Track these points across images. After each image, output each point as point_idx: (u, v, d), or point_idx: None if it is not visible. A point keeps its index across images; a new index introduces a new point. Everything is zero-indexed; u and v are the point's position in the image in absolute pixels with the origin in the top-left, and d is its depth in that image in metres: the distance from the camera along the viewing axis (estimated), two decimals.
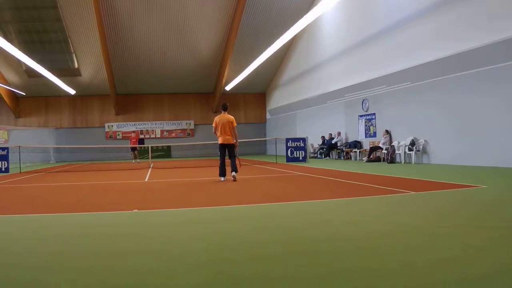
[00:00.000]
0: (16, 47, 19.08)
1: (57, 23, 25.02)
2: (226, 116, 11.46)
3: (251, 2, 24.31)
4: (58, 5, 23.57)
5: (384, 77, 18.14)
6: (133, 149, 25.77)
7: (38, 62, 22.01)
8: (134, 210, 6.64)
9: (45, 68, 23.31)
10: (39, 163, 26.88)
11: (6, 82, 29.85)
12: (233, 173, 11.20)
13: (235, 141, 11.53)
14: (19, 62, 26.06)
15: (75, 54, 28.20)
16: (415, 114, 16.63)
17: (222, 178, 11.29)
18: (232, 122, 11.42)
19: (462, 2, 14.00)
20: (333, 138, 22.91)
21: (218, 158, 11.84)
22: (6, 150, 18.21)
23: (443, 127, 15.19)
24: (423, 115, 16.20)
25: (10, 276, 3.38)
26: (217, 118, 11.55)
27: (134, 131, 29.80)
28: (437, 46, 14.98)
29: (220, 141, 11.47)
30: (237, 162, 11.45)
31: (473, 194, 7.45)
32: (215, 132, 11.62)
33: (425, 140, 16.14)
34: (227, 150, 11.57)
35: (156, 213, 6.55)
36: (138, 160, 25.55)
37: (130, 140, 26.28)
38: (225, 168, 11.35)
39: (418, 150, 16.26)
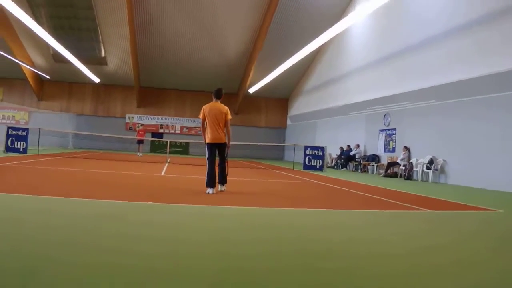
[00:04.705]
0: (46, 31, 19.33)
1: (88, 11, 25.30)
2: (218, 106, 8.58)
3: (282, 7, 24.25)
4: None
5: (409, 93, 17.91)
6: (140, 141, 25.94)
7: (66, 48, 22.29)
8: (149, 202, 6.61)
9: (72, 54, 23.60)
10: (57, 147, 27.19)
11: (32, 65, 30.27)
12: (221, 187, 8.73)
13: (227, 140, 8.73)
14: (47, 46, 26.39)
15: (103, 43, 28.53)
16: (436, 133, 16.39)
17: (211, 190, 8.33)
18: (226, 114, 8.56)
19: (491, 25, 13.78)
20: (351, 150, 22.73)
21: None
22: (26, 131, 18.43)
23: (463, 148, 14.90)
24: (444, 135, 15.94)
25: (8, 264, 3.17)
26: (205, 108, 8.59)
27: (142, 124, 30.82)
28: (465, 67, 14.71)
29: (209, 139, 8.54)
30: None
31: (490, 217, 7.30)
32: (203, 126, 8.70)
33: (444, 160, 15.90)
34: (218, 152, 8.69)
35: (171, 207, 6.52)
36: (140, 154, 25.54)
37: (138, 133, 26.57)
38: (215, 176, 8.50)
39: (436, 169, 16.00)
